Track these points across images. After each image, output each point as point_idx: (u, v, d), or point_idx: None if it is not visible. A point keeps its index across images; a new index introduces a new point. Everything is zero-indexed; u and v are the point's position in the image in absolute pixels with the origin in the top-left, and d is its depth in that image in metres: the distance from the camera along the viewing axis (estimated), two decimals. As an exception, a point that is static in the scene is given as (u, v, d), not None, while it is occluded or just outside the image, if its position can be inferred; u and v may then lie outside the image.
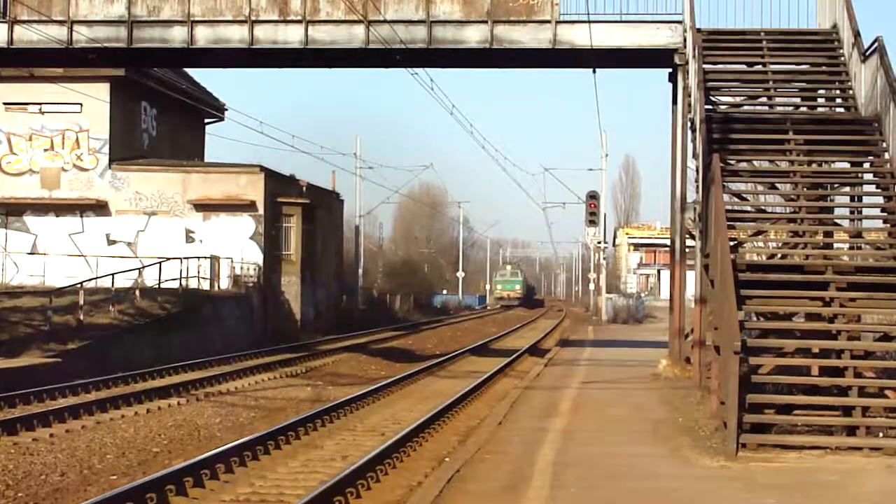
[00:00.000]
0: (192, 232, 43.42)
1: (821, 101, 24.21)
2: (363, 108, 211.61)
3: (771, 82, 23.85)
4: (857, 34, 22.68)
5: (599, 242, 67.29)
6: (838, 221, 20.74)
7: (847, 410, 15.36)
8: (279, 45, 27.10)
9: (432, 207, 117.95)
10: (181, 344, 33.86)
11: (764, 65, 24.31)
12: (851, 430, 15.14)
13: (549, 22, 26.34)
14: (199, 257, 41.05)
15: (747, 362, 15.23)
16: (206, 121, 53.17)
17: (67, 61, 31.72)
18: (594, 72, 28.85)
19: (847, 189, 21.85)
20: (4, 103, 43.59)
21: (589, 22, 25.67)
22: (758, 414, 15.05)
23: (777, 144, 21.39)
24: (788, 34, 25.07)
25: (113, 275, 33.65)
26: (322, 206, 50.90)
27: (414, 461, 16.22)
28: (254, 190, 43.65)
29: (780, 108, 23.56)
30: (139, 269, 37.31)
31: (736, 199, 20.99)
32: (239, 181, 43.83)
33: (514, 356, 35.41)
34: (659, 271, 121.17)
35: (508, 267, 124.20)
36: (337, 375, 30.78)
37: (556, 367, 29.97)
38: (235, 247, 42.88)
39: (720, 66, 24.66)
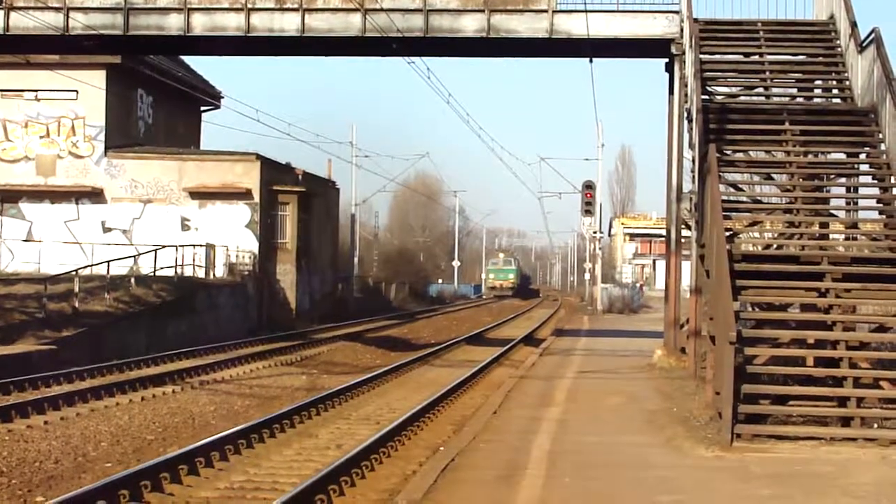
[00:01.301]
0: (188, 220, 43.40)
1: (817, 91, 24.19)
2: (360, 97, 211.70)
3: (767, 73, 23.83)
4: (853, 25, 22.65)
5: (595, 232, 67.22)
6: (834, 212, 20.72)
7: (842, 401, 15.38)
8: (276, 33, 27.05)
9: (428, 196, 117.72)
10: (176, 332, 33.86)
11: (761, 55, 24.28)
12: (846, 421, 15.15)
13: (545, 11, 26.31)
14: (194, 245, 41.04)
15: (742, 353, 15.24)
16: (203, 108, 53.15)
17: (64, 48, 31.65)
18: (591, 61, 28.86)
19: (843, 180, 21.84)
20: (0, 90, 43.52)
21: (586, 11, 25.67)
22: (753, 404, 15.06)
23: (773, 135, 21.37)
24: (785, 25, 25.03)
25: (108, 262, 33.64)
26: (318, 194, 50.86)
27: (409, 450, 16.24)
28: (249, 178, 43.62)
29: (776, 99, 23.52)
30: (134, 256, 37.27)
31: (732, 190, 20.99)
32: (235, 169, 43.80)
33: (510, 345, 35.45)
34: (654, 261, 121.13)
35: (501, 255, 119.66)
36: (332, 364, 30.80)
37: (552, 356, 29.98)
38: (231, 235, 42.87)
39: (717, 57, 24.62)
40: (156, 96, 47.33)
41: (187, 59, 49.99)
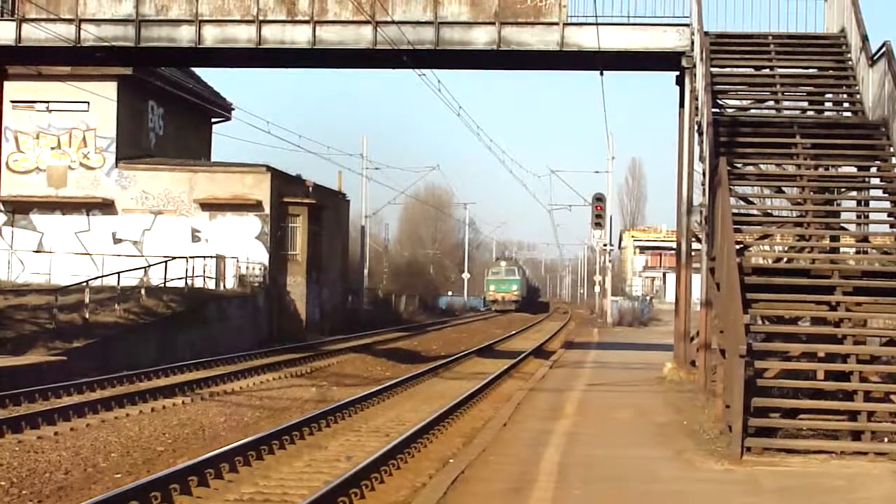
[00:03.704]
0: (198, 231, 43.48)
1: (828, 105, 24.19)
2: (370, 109, 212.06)
3: (778, 86, 23.84)
4: (864, 38, 22.65)
5: (605, 245, 67.18)
6: (845, 226, 20.72)
7: (852, 415, 15.35)
8: (286, 45, 27.10)
9: (438, 209, 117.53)
10: (186, 343, 33.90)
11: (771, 68, 24.29)
12: (857, 435, 15.12)
13: (556, 24, 26.33)
14: (204, 256, 41.08)
15: (753, 366, 15.22)
16: (213, 120, 53.26)
17: (75, 60, 31.75)
18: (601, 74, 28.86)
19: (854, 193, 21.82)
20: (12, 101, 43.26)
21: (597, 24, 25.65)
22: (763, 418, 15.04)
23: (784, 148, 21.37)
24: (796, 38, 25.03)
25: (119, 273, 33.71)
26: (328, 206, 50.92)
27: (418, 462, 16.22)
28: (260, 190, 43.69)
29: (787, 112, 23.52)
30: (145, 267, 37.34)
31: (742, 203, 20.98)
32: (245, 181, 43.88)
33: (520, 358, 35.41)
34: (664, 274, 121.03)
35: (503, 263, 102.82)
36: (342, 376, 30.79)
37: (562, 369, 29.95)
38: (241, 246, 42.93)
39: (727, 70, 24.64)
40: (167, 108, 47.45)
41: (198, 70, 50.18)
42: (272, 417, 21.23)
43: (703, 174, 21.96)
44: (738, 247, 18.09)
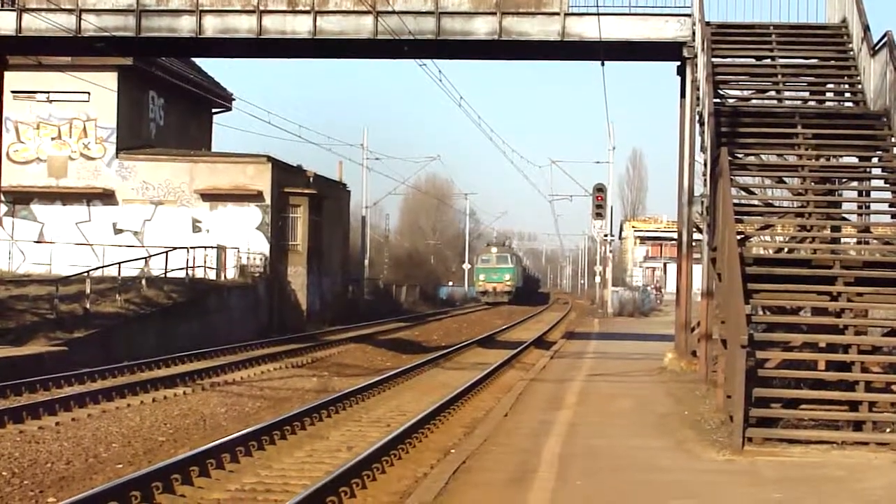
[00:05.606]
0: (199, 221, 43.45)
1: (829, 95, 24.15)
2: (371, 99, 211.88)
3: (780, 76, 23.78)
4: (866, 28, 22.62)
5: (606, 235, 67.13)
6: (846, 216, 20.69)
7: (854, 405, 15.35)
8: (287, 36, 27.06)
9: (439, 199, 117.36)
10: (187, 333, 33.89)
11: (773, 58, 24.24)
12: (858, 425, 15.13)
13: (557, 14, 26.30)
14: (205, 247, 41.05)
15: (754, 356, 15.21)
16: (214, 110, 53.22)
17: (75, 50, 31.72)
18: (602, 64, 28.84)
19: (855, 183, 21.80)
20: (12, 91, 43.17)
21: (598, 14, 25.62)
22: (764, 408, 15.03)
23: (785, 138, 21.34)
24: (797, 28, 24.99)
25: (119, 264, 33.68)
26: (329, 196, 50.88)
27: (420, 452, 16.23)
28: (261, 180, 43.65)
29: (788, 102, 23.48)
30: (146, 258, 37.32)
31: (744, 193, 20.96)
32: (246, 171, 43.84)
33: (520, 348, 35.41)
34: (665, 264, 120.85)
35: (494, 250, 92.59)
36: (343, 366, 30.81)
37: (562, 359, 29.96)
38: (242, 237, 42.91)
39: (729, 60, 24.59)
40: (167, 98, 47.40)
41: (199, 60, 50.10)
42: (273, 408, 21.25)
43: (705, 164, 21.94)
44: (739, 237, 18.07)
